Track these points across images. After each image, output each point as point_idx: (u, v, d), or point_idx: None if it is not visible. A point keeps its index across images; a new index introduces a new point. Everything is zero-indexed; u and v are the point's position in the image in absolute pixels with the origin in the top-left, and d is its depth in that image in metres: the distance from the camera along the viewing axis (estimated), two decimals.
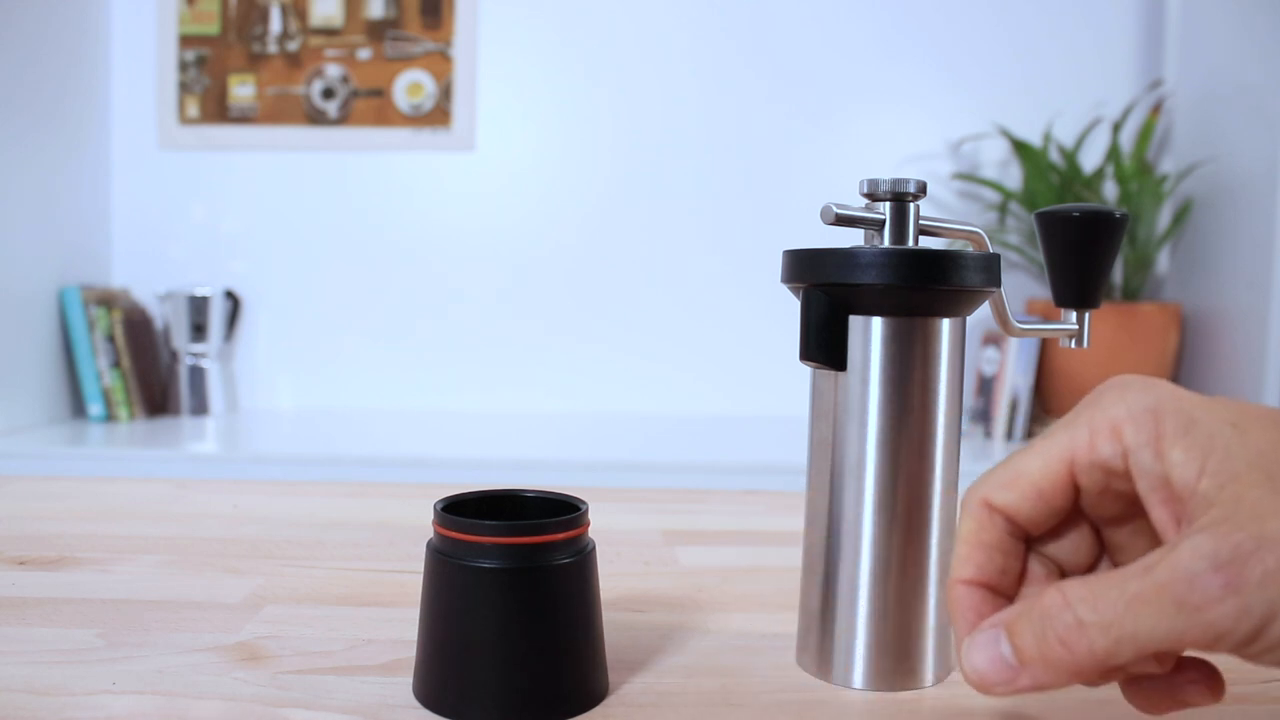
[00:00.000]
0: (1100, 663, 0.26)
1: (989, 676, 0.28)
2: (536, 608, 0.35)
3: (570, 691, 0.36)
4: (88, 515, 0.65)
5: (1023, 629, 0.27)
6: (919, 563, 0.39)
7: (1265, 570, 0.24)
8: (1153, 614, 0.25)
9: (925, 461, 0.39)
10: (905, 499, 0.39)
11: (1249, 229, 1.68)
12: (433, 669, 0.36)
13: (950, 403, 0.39)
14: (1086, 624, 0.26)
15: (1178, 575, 0.25)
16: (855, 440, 0.39)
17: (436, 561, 0.36)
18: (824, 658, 0.40)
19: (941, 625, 0.40)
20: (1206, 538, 0.25)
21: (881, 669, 0.39)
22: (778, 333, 2.01)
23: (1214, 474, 0.26)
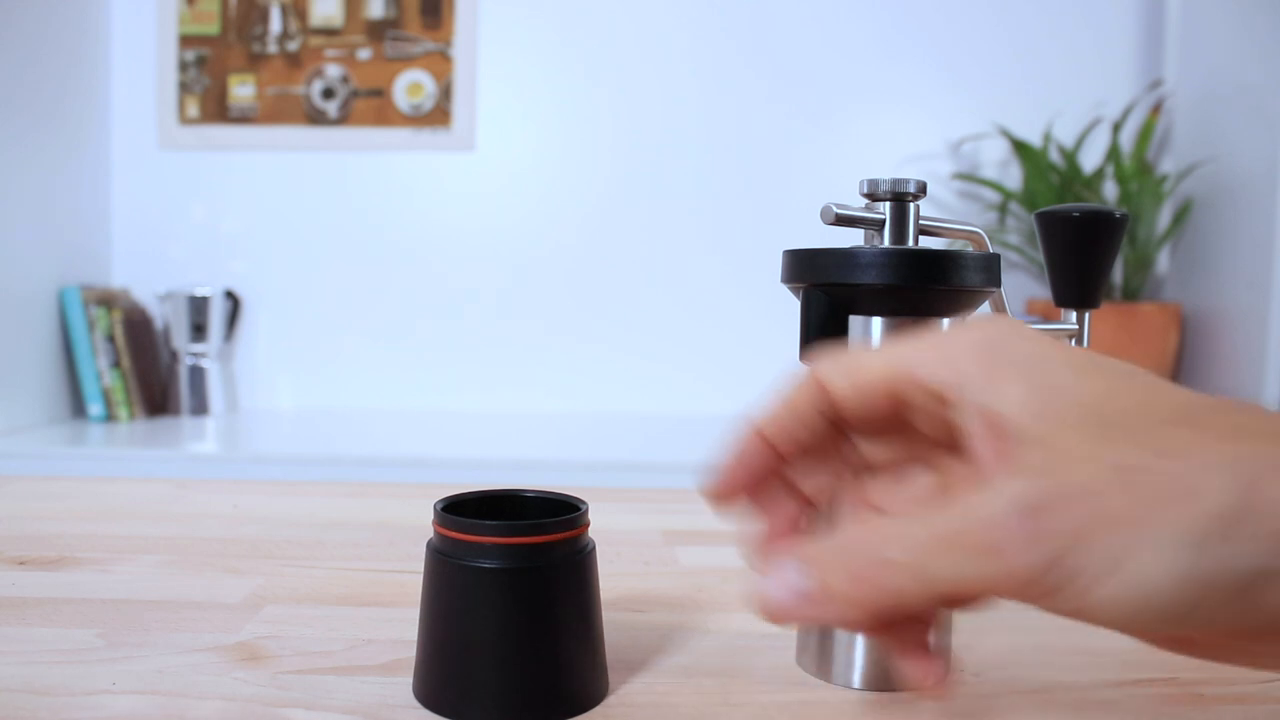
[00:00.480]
0: (903, 602, 0.25)
1: (787, 606, 0.27)
2: (536, 608, 0.35)
3: (570, 692, 0.36)
4: (88, 515, 0.65)
5: (828, 563, 0.26)
6: None
7: (1069, 520, 0.23)
8: (957, 557, 0.24)
9: None
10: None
11: (1249, 229, 1.68)
12: (433, 669, 0.36)
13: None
14: (893, 562, 0.25)
15: (982, 518, 0.24)
16: None
17: (436, 561, 0.36)
18: (823, 657, 0.40)
19: (942, 625, 0.40)
20: (1017, 482, 0.24)
21: (880, 669, 0.39)
22: (778, 333, 2.01)
23: (1039, 414, 0.25)
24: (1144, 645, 0.30)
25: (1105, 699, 0.38)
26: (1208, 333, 1.80)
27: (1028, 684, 0.40)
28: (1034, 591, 0.24)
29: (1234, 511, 0.22)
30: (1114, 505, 0.23)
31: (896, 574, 0.25)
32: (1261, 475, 0.22)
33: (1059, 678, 0.41)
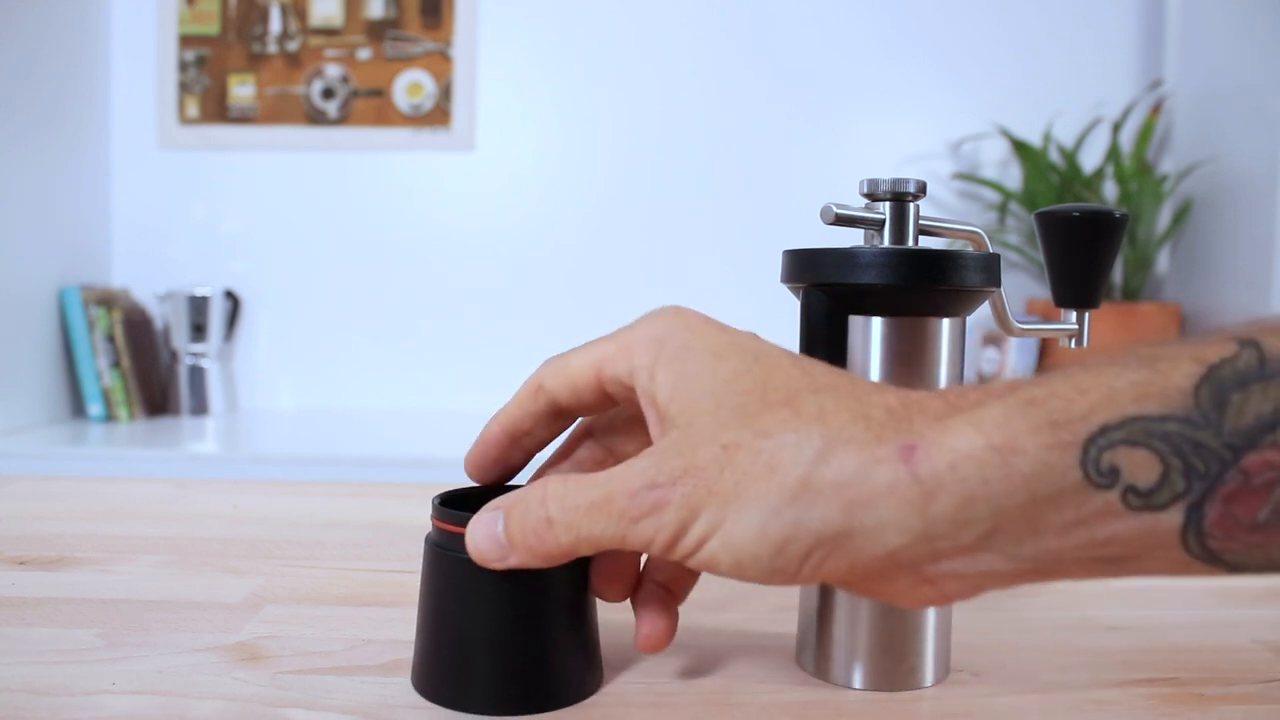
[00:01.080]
0: (566, 553, 0.31)
1: (486, 553, 0.33)
2: (531, 600, 0.36)
3: (565, 682, 0.36)
4: (88, 515, 0.65)
5: (513, 515, 0.32)
6: None
7: (684, 493, 0.28)
8: (603, 520, 0.30)
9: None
10: None
11: (1249, 229, 1.68)
12: (430, 660, 0.37)
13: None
14: (554, 520, 0.31)
15: (622, 489, 0.29)
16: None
17: (434, 554, 0.37)
18: (823, 657, 0.40)
19: (940, 625, 0.40)
20: (650, 460, 0.29)
21: (880, 669, 0.39)
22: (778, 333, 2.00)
23: (681, 399, 0.30)
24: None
25: (1105, 699, 0.38)
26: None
27: (1028, 684, 0.40)
28: (662, 550, 0.29)
29: (800, 485, 0.27)
30: (719, 481, 0.28)
31: (556, 530, 0.31)
32: (824, 454, 0.27)
33: (1059, 678, 0.41)
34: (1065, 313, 0.46)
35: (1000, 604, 0.50)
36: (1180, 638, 0.46)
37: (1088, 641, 0.45)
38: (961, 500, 0.26)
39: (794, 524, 0.27)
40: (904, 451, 0.27)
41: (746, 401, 0.29)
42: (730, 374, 0.30)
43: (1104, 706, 0.38)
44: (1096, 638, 0.46)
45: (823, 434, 0.28)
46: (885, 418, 0.28)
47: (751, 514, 0.28)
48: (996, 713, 0.37)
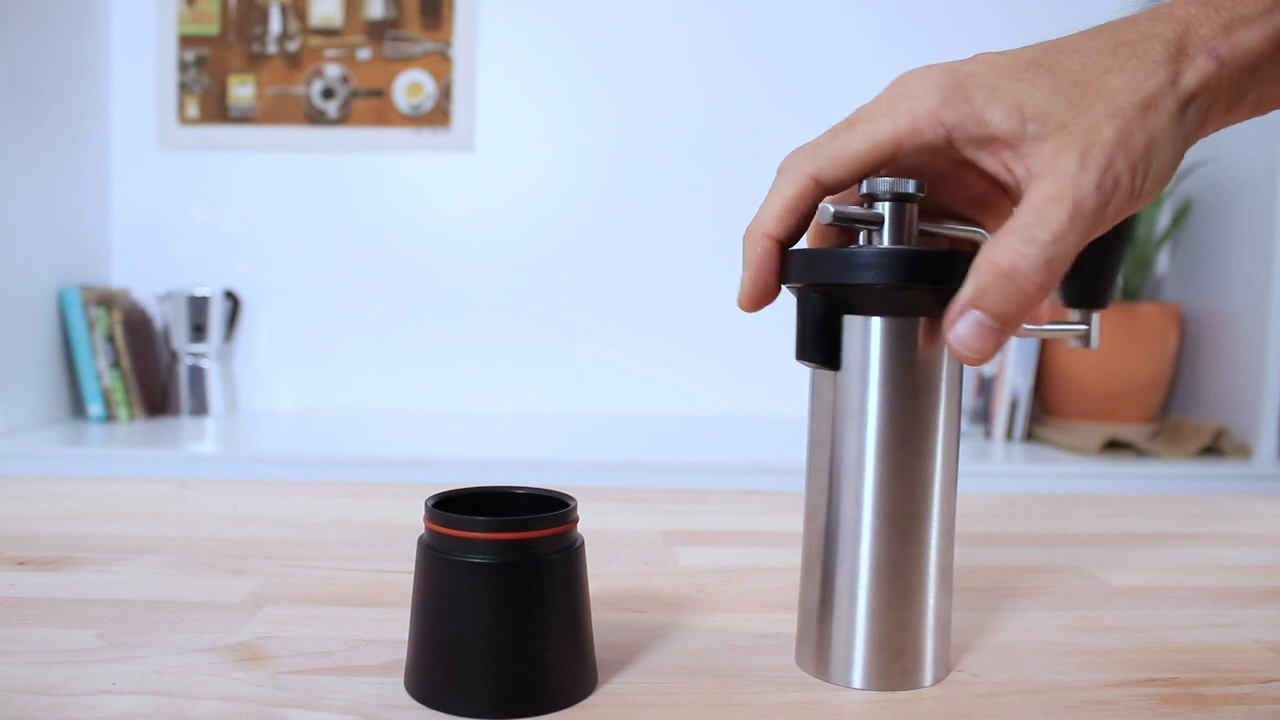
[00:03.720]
0: (1051, 286, 0.33)
1: (984, 346, 0.34)
2: (524, 602, 0.36)
3: (558, 685, 0.37)
4: (88, 515, 0.65)
5: (995, 297, 0.33)
6: (917, 562, 0.39)
7: (1124, 164, 0.32)
8: (1071, 222, 0.32)
9: (924, 461, 0.39)
10: (903, 499, 0.38)
11: (1249, 229, 1.68)
12: (422, 663, 0.37)
13: (949, 403, 0.39)
14: (1049, 259, 0.32)
15: (1082, 191, 0.32)
16: (854, 440, 0.39)
17: (427, 556, 0.37)
18: (822, 657, 0.40)
19: (940, 625, 0.40)
20: (1071, 161, 0.32)
21: (880, 669, 0.39)
22: (778, 333, 2.01)
23: (1034, 117, 0.32)
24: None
25: (1105, 699, 0.38)
26: (1208, 333, 1.80)
27: (1028, 684, 0.40)
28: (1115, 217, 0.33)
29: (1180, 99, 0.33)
30: (1132, 135, 0.32)
31: (1051, 265, 0.32)
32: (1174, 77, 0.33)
33: (1059, 678, 0.41)
34: (1073, 313, 0.46)
35: (1000, 604, 0.50)
36: (1180, 638, 0.46)
37: (1088, 641, 0.45)
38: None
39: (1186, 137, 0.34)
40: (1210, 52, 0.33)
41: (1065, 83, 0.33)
42: (1055, 82, 0.33)
43: (1104, 706, 0.38)
44: (1096, 638, 0.46)
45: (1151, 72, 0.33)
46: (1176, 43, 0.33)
47: (1165, 150, 0.33)
48: (996, 713, 0.37)
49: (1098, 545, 0.63)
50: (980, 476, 1.57)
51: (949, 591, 0.40)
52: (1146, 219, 1.81)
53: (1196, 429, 1.69)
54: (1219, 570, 0.58)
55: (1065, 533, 0.67)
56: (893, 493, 0.38)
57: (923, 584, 0.39)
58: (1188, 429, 1.71)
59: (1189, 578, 0.56)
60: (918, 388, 0.38)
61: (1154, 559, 0.60)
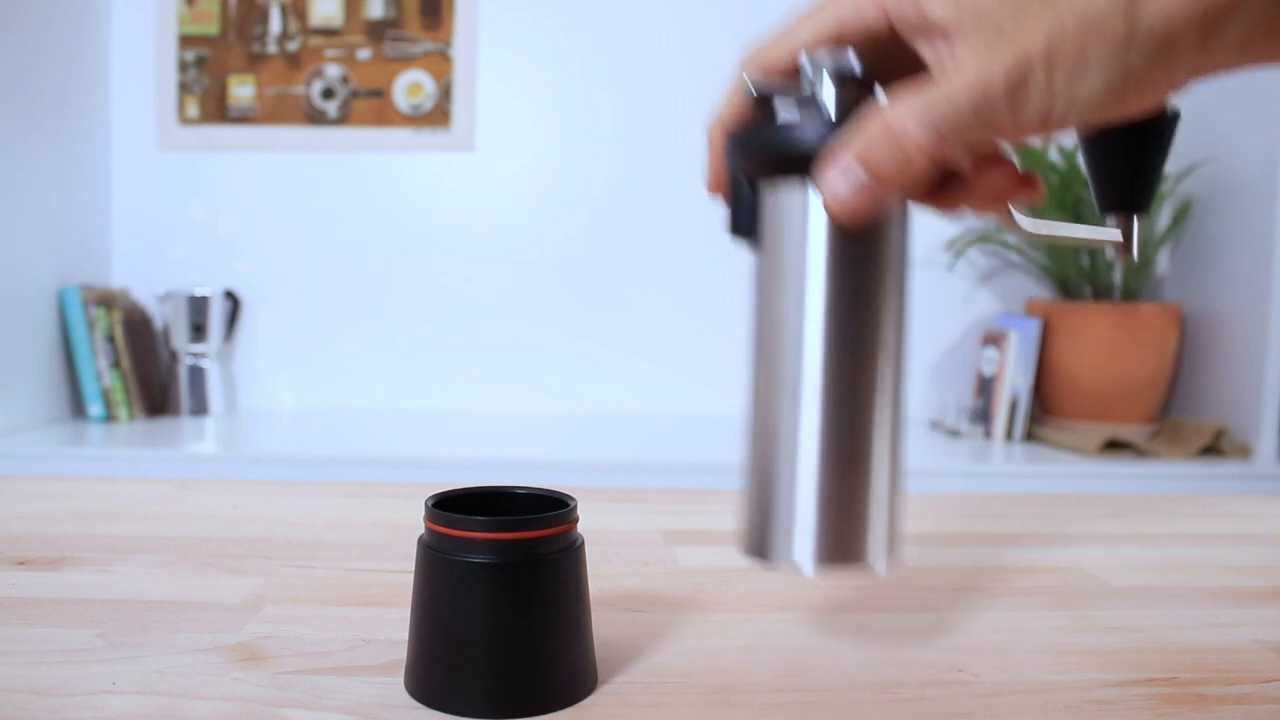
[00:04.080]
0: (932, 162, 0.32)
1: (846, 194, 0.32)
2: (524, 602, 0.36)
3: (558, 684, 0.37)
4: (88, 515, 0.65)
5: (869, 144, 0.32)
6: (863, 434, 0.36)
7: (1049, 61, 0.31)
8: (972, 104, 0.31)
9: (868, 331, 0.36)
10: (847, 371, 0.36)
11: (1249, 229, 1.68)
12: (422, 662, 0.37)
13: (894, 275, 0.37)
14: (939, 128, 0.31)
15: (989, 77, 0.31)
16: (793, 315, 0.36)
17: (427, 556, 0.37)
18: (764, 535, 0.37)
19: (888, 499, 0.37)
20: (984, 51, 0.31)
21: (822, 542, 0.36)
22: None
23: (973, 13, 0.31)
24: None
25: (1105, 699, 0.38)
26: (1208, 333, 1.80)
27: (1028, 684, 0.40)
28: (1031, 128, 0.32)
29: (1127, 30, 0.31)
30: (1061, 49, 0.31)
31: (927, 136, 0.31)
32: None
33: (1059, 678, 0.41)
34: (1110, 219, 0.43)
35: (1000, 604, 0.50)
36: (1180, 638, 0.46)
37: (1088, 641, 0.45)
38: None
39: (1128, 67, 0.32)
40: None
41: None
42: None
43: (1104, 706, 0.38)
44: (1096, 638, 0.46)
45: None
46: None
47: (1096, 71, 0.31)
48: (996, 713, 0.37)
49: (1098, 545, 0.63)
50: (980, 476, 1.57)
51: (898, 465, 0.38)
52: (1146, 219, 1.81)
53: (1196, 429, 1.69)
54: (1219, 570, 0.58)
55: (1065, 533, 0.67)
56: (836, 365, 0.36)
57: (868, 456, 0.36)
58: (1188, 429, 1.71)
59: (1189, 578, 0.56)
60: (861, 258, 0.36)
61: (1154, 559, 0.60)
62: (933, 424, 1.93)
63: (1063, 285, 1.87)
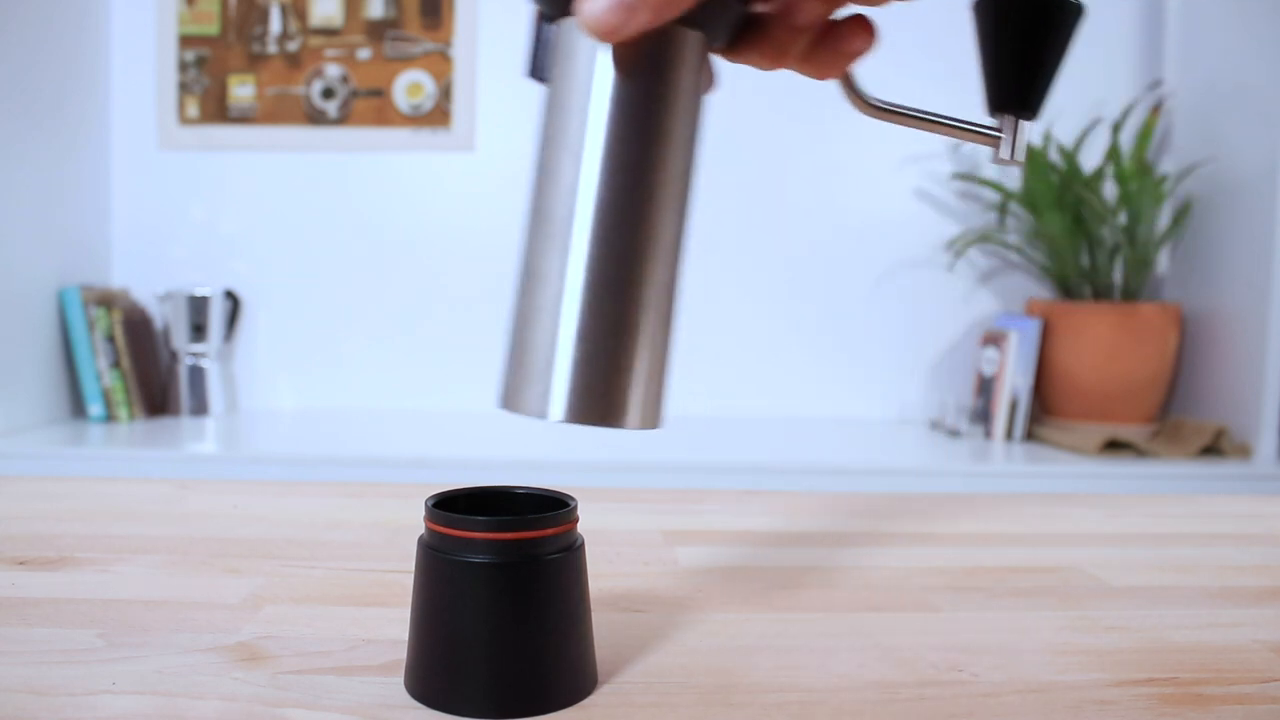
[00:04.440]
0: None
1: (607, 17, 0.29)
2: (524, 602, 0.36)
3: (558, 684, 0.37)
4: (88, 515, 0.65)
5: None
6: (631, 289, 0.34)
7: None
8: None
9: (645, 181, 0.34)
10: (620, 223, 0.34)
11: (1249, 229, 1.68)
12: (422, 662, 0.37)
13: (679, 124, 0.35)
14: None
15: None
16: (567, 159, 0.34)
17: (427, 556, 0.37)
18: (519, 385, 0.35)
19: (652, 360, 0.35)
20: None
21: (579, 399, 0.34)
22: (778, 333, 2.01)
23: None
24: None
25: (1105, 699, 0.38)
26: (1208, 333, 1.80)
27: (1028, 684, 0.40)
28: None
29: None
30: None
31: None
32: None
33: (1059, 678, 0.41)
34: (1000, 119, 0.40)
35: (1000, 604, 0.50)
36: (1180, 638, 0.46)
37: (1088, 641, 0.45)
38: None
39: None
40: None
41: None
42: None
43: (1104, 706, 0.38)
44: (1096, 638, 0.46)
45: None
46: None
47: None
48: (996, 713, 0.37)
49: (1098, 545, 0.63)
50: (980, 476, 1.57)
51: (667, 328, 0.36)
52: (1146, 219, 1.81)
53: (1196, 429, 1.69)
54: (1219, 570, 0.58)
55: (1065, 533, 0.67)
56: (609, 216, 0.34)
57: (634, 310, 0.34)
58: (1188, 429, 1.71)
59: (1189, 578, 0.56)
60: (646, 107, 0.34)
61: (1154, 559, 0.60)
62: (933, 424, 1.93)
63: (1063, 285, 1.87)
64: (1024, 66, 0.38)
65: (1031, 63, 0.38)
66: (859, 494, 0.78)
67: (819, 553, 0.60)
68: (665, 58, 0.34)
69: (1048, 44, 0.38)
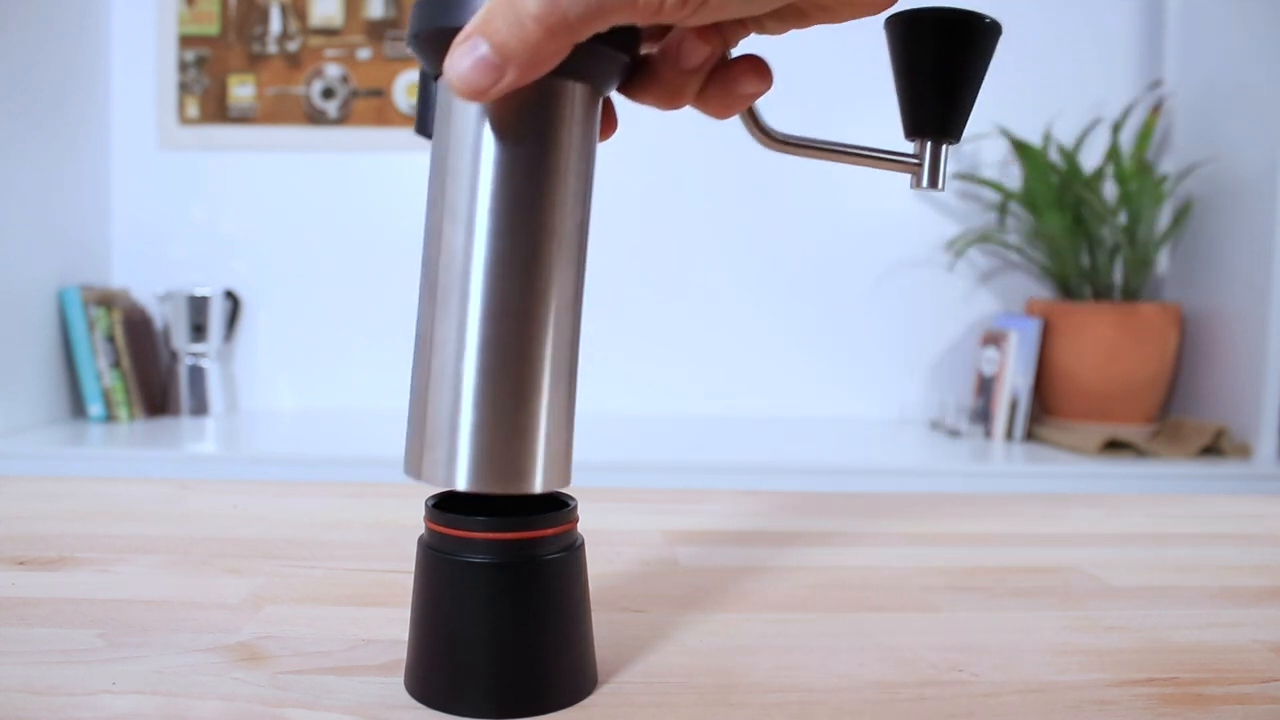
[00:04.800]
0: (571, 36, 0.28)
1: (475, 79, 0.29)
2: (525, 602, 0.36)
3: (559, 684, 0.37)
4: (88, 515, 0.65)
5: (494, 19, 0.28)
6: (528, 349, 0.34)
7: None
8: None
9: (530, 241, 0.33)
10: (506, 285, 0.33)
11: (1249, 229, 1.68)
12: (423, 663, 0.37)
13: (577, 185, 0.34)
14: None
15: None
16: (463, 228, 0.33)
17: (427, 556, 0.37)
18: (422, 453, 0.34)
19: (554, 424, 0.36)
20: None
21: (481, 466, 0.33)
22: (778, 333, 2.01)
23: None
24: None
25: (1105, 699, 0.38)
26: (1208, 333, 1.80)
27: (1028, 684, 0.40)
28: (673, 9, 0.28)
29: None
30: None
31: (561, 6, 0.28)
32: None
33: (1059, 678, 0.41)
34: (918, 144, 0.39)
35: (1000, 604, 0.50)
36: (1180, 638, 0.46)
37: (1088, 641, 0.45)
38: None
39: None
40: None
41: None
42: None
43: (1104, 706, 0.38)
44: (1096, 638, 0.46)
45: None
46: None
47: None
48: (996, 713, 0.37)
49: (1098, 545, 0.63)
50: (980, 476, 1.57)
51: (568, 385, 0.36)
52: (1146, 219, 1.81)
53: (1196, 429, 1.69)
54: (1219, 570, 0.58)
55: (1065, 533, 0.67)
56: (503, 283, 0.33)
57: (530, 372, 0.34)
58: (1188, 429, 1.71)
59: (1189, 578, 0.56)
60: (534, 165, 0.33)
61: (1154, 559, 0.60)
62: (933, 424, 1.93)
63: (1063, 285, 1.87)
64: (940, 88, 0.37)
65: (955, 87, 0.37)
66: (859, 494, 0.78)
67: (819, 553, 0.60)
68: (549, 112, 0.33)
69: (964, 63, 0.37)
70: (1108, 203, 1.80)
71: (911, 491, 0.83)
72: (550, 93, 0.32)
